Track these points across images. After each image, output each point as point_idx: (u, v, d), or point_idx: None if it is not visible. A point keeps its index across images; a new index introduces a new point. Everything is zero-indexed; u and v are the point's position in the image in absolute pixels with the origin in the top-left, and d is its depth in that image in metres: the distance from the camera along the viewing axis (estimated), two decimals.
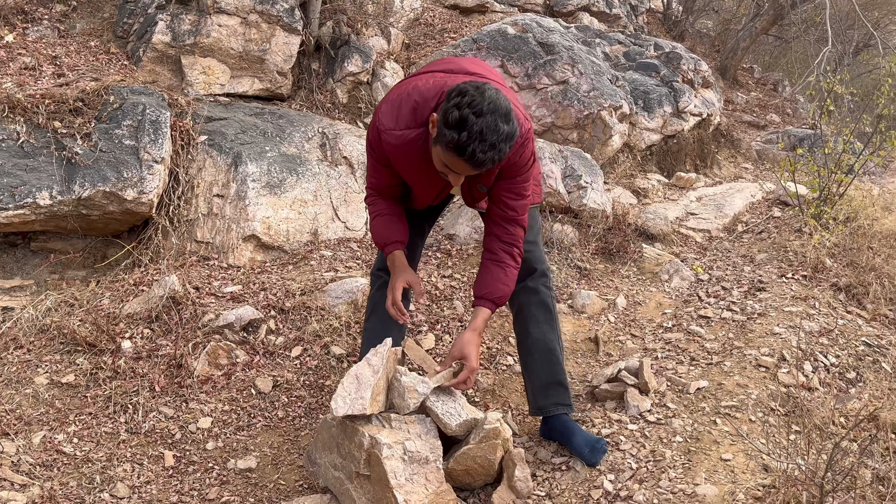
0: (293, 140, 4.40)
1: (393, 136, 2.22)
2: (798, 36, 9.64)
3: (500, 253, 2.36)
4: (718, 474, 2.30)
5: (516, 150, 2.24)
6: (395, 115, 2.22)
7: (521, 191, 2.34)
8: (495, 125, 1.98)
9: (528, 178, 2.35)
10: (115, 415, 2.73)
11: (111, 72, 4.35)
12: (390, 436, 2.21)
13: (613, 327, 3.56)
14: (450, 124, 1.99)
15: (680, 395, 2.82)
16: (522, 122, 2.22)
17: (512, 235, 2.36)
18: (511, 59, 5.61)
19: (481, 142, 1.97)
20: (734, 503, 2.14)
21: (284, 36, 4.98)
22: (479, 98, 1.98)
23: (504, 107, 2.01)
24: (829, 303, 3.50)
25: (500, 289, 2.35)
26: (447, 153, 2.04)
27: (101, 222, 3.67)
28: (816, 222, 4.10)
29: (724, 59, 10.21)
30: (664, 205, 5.23)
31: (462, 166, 2.05)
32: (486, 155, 1.99)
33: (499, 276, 2.35)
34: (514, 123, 2.05)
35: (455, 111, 1.98)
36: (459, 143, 1.98)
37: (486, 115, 1.97)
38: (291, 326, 3.31)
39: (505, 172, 2.30)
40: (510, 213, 2.34)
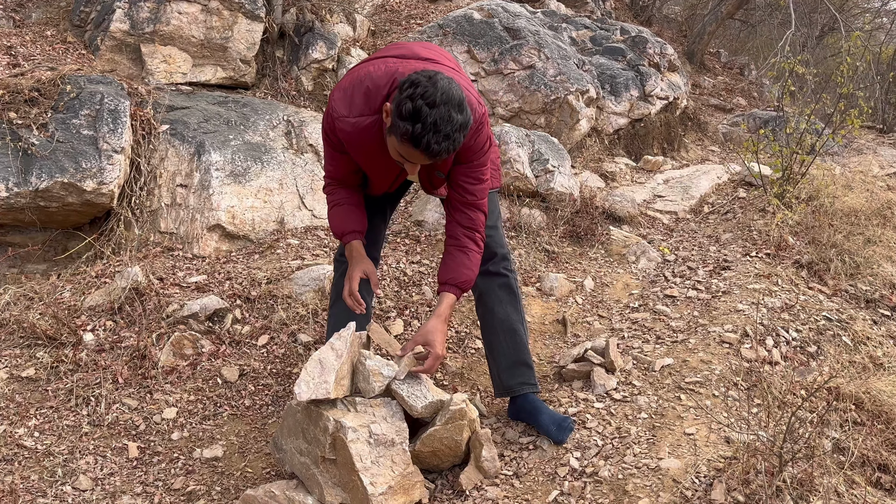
0: (258, 128, 4.35)
1: (347, 124, 2.21)
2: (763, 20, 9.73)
3: (463, 238, 2.36)
4: (682, 448, 2.33)
5: (471, 134, 2.23)
6: (349, 102, 2.21)
7: (479, 175, 2.34)
8: (449, 115, 1.97)
9: (486, 163, 2.35)
10: (77, 408, 2.69)
11: (68, 61, 4.27)
12: (355, 419, 2.20)
13: (581, 309, 3.58)
14: (403, 116, 1.98)
15: (645, 372, 2.85)
16: (476, 107, 2.22)
17: (473, 220, 2.36)
18: (477, 44, 5.60)
19: (435, 133, 1.97)
20: (696, 475, 2.17)
21: (247, 23, 4.92)
22: (431, 89, 1.97)
23: (457, 96, 2.01)
24: (792, 279, 3.56)
25: (465, 273, 2.35)
26: (402, 144, 2.04)
27: (61, 214, 3.60)
28: (779, 201, 4.16)
29: (691, 43, 10.29)
30: (632, 188, 5.27)
31: (417, 157, 2.05)
32: (440, 146, 1.99)
33: (462, 261, 2.34)
34: (468, 112, 2.05)
35: (408, 102, 1.97)
36: (414, 135, 1.98)
37: (440, 105, 1.96)
38: (258, 315, 3.28)
39: (461, 157, 2.30)
40: (469, 198, 2.34)
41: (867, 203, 4.17)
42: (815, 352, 2.98)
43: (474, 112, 2.22)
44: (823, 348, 3.00)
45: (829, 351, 2.96)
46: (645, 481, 2.20)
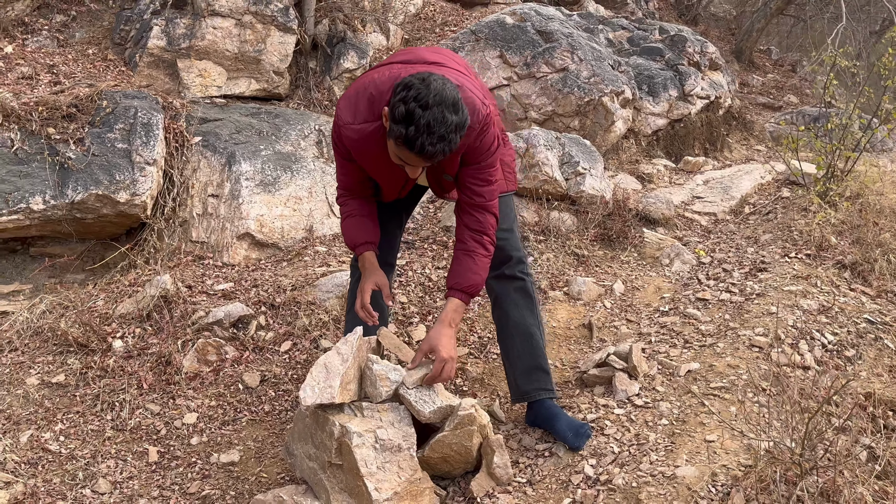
0: (289, 138, 4.41)
1: (352, 131, 2.21)
2: (815, 15, 9.41)
3: (470, 242, 2.33)
4: (700, 455, 2.24)
5: (477, 135, 2.21)
6: (353, 109, 2.21)
7: (488, 176, 2.31)
8: (442, 116, 1.95)
9: (494, 163, 2.31)
10: (101, 413, 2.76)
11: (107, 78, 4.41)
12: (361, 424, 2.18)
13: (609, 313, 3.49)
14: (397, 119, 1.97)
15: (670, 378, 2.76)
16: (480, 108, 2.19)
17: (481, 223, 2.32)
18: (509, 48, 5.56)
19: (429, 134, 1.95)
20: (713, 484, 2.07)
21: (280, 36, 5.00)
22: (424, 90, 1.96)
23: (451, 97, 1.98)
24: (832, 280, 3.39)
25: (471, 278, 2.31)
26: (398, 147, 2.03)
27: (97, 225, 3.72)
28: (822, 200, 3.98)
29: (739, 41, 10.02)
30: (669, 189, 5.13)
31: (414, 159, 2.04)
32: (435, 147, 1.97)
33: (469, 265, 2.31)
34: (464, 112, 2.02)
35: (401, 105, 1.96)
36: (408, 138, 1.96)
37: (433, 107, 1.95)
38: (282, 321, 3.31)
39: (468, 158, 2.27)
40: (478, 200, 2.31)
41: None
42: (854, 356, 2.84)
43: (478, 113, 2.20)
44: (863, 352, 2.85)
45: (869, 355, 2.81)
46: (659, 489, 2.12)
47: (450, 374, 2.26)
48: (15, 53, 4.37)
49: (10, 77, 4.11)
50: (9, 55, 4.33)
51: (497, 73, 5.53)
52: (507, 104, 5.46)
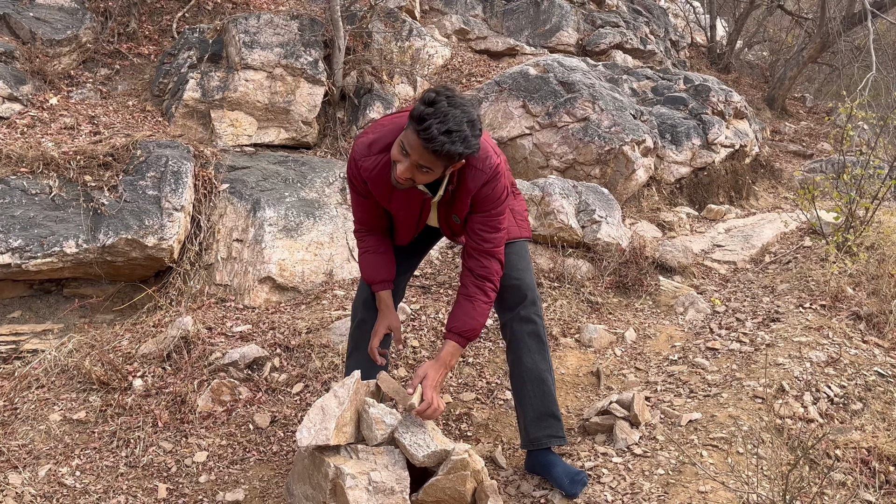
0: (314, 185, 4.57)
1: (368, 162, 2.33)
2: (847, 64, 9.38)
3: (472, 287, 2.41)
4: None
5: (488, 182, 2.31)
6: (370, 143, 2.33)
7: (497, 224, 2.39)
8: (460, 119, 2.08)
9: (503, 212, 2.40)
10: (117, 449, 2.87)
11: (144, 128, 4.65)
12: (356, 466, 2.25)
13: (619, 361, 3.51)
14: (424, 101, 2.10)
15: (671, 427, 2.76)
16: (493, 156, 2.30)
17: (486, 269, 2.40)
18: (532, 98, 5.69)
19: (441, 122, 2.06)
20: None
21: (308, 87, 5.22)
22: (455, 95, 2.12)
23: (474, 116, 2.12)
24: (846, 332, 3.36)
25: (468, 322, 2.39)
26: (409, 125, 2.13)
27: (127, 268, 3.89)
28: (838, 250, 3.96)
29: (772, 89, 10.02)
30: (689, 237, 5.14)
31: (415, 142, 2.11)
32: (439, 136, 2.06)
33: (467, 310, 2.39)
34: (477, 137, 2.15)
35: (433, 93, 2.11)
36: (422, 115, 2.08)
37: (457, 108, 2.09)
38: (295, 364, 3.41)
39: (478, 206, 2.36)
40: (486, 246, 2.39)
41: None
42: (861, 409, 2.80)
43: (490, 160, 2.30)
44: (870, 406, 2.81)
45: (876, 408, 2.77)
46: None
47: (436, 408, 2.31)
48: (59, 105, 4.65)
49: (53, 127, 4.37)
50: (53, 106, 4.61)
51: (520, 122, 5.66)
52: (529, 152, 5.57)
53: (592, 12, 8.32)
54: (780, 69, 10.16)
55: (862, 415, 2.75)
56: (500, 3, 8.08)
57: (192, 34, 5.32)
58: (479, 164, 2.28)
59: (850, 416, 2.75)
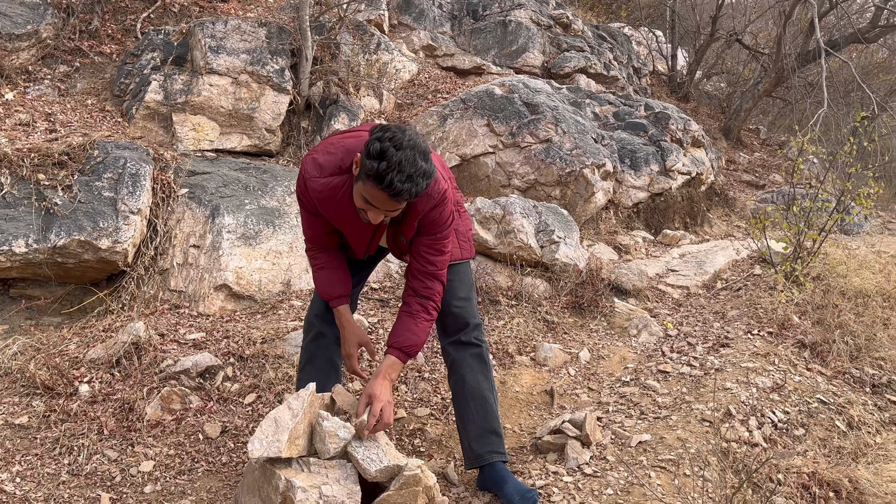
0: (275, 194, 4.54)
1: (318, 184, 2.32)
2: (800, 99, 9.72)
3: (415, 305, 2.45)
4: None
5: (435, 206, 2.33)
6: (320, 163, 2.33)
7: (441, 247, 2.42)
8: (413, 159, 2.08)
9: (448, 236, 2.43)
10: (59, 456, 2.79)
11: (103, 128, 4.57)
12: (307, 479, 2.23)
13: (573, 380, 3.55)
14: (371, 155, 2.10)
15: (621, 448, 2.80)
16: (441, 181, 2.32)
17: (429, 289, 2.43)
18: (497, 118, 5.76)
19: (399, 172, 2.07)
20: None
21: (274, 95, 5.19)
22: (400, 134, 2.10)
23: (423, 147, 2.12)
24: (790, 359, 3.47)
25: (409, 338, 2.42)
26: (367, 183, 2.13)
27: (79, 270, 3.80)
28: (785, 279, 4.09)
29: (728, 119, 10.32)
30: (645, 261, 5.25)
31: (381, 197, 2.13)
32: (403, 185, 2.08)
33: (409, 326, 2.42)
34: (432, 165, 2.16)
35: (377, 143, 2.10)
36: (378, 172, 2.08)
37: (406, 149, 2.08)
38: (248, 374, 3.37)
39: (425, 229, 2.39)
40: (430, 268, 2.42)
41: (881, 284, 4.06)
42: (803, 435, 2.89)
43: (439, 184, 2.32)
44: (812, 432, 2.90)
45: (818, 435, 2.86)
46: None
47: (388, 418, 2.32)
48: (15, 100, 4.53)
49: (7, 123, 4.27)
50: (9, 102, 4.50)
51: (483, 140, 5.71)
52: (491, 171, 5.63)
53: (559, 35, 8.47)
54: (737, 101, 10.48)
55: (804, 440, 2.84)
56: (469, 22, 8.17)
57: (156, 35, 5.25)
58: (429, 189, 2.30)
59: (793, 441, 2.83)
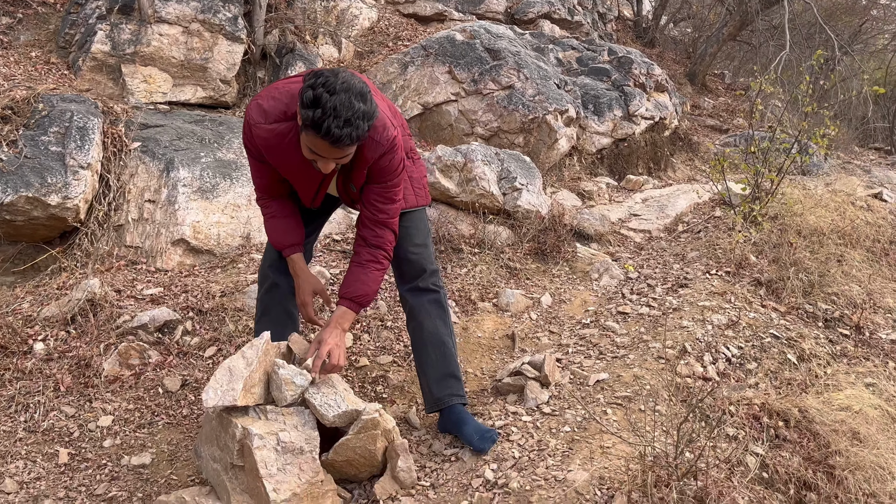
0: (232, 146, 4.44)
1: (263, 130, 2.27)
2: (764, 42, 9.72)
3: (365, 255, 2.44)
4: (594, 461, 2.32)
5: (385, 154, 2.29)
6: (265, 109, 2.27)
7: (392, 195, 2.40)
8: (349, 102, 2.03)
9: (399, 184, 2.40)
10: (15, 414, 2.76)
11: (48, 81, 4.41)
12: (264, 427, 2.23)
13: (534, 325, 3.58)
14: (305, 104, 2.05)
15: (579, 387, 2.85)
16: (390, 127, 2.28)
17: (380, 238, 2.41)
18: (458, 65, 5.67)
19: (335, 118, 2.02)
20: (600, 486, 2.15)
21: (227, 45, 5.04)
22: (332, 78, 2.05)
23: (358, 87, 2.07)
24: (746, 297, 3.53)
25: (360, 288, 2.42)
26: (307, 133, 2.09)
27: (29, 228, 3.70)
28: (744, 220, 4.13)
29: (693, 64, 10.29)
30: (608, 207, 5.27)
31: (323, 145, 2.09)
32: (342, 131, 2.04)
33: (360, 276, 2.42)
34: (372, 104, 2.11)
35: (309, 91, 2.04)
36: (315, 120, 2.03)
37: (340, 93, 2.03)
38: (208, 327, 3.34)
39: (375, 176, 2.35)
40: (381, 216, 2.40)
41: (836, 222, 4.13)
42: (755, 369, 2.95)
43: (387, 131, 2.28)
44: (763, 365, 2.97)
45: (770, 368, 2.93)
46: (550, 493, 2.20)
47: (337, 360, 2.33)
48: None
49: None
50: None
51: (445, 88, 5.63)
52: (454, 119, 5.57)
53: None
54: (702, 45, 10.43)
55: (756, 374, 2.90)
56: None
57: None
58: (377, 136, 2.26)
59: (745, 374, 2.90)
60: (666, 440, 2.12)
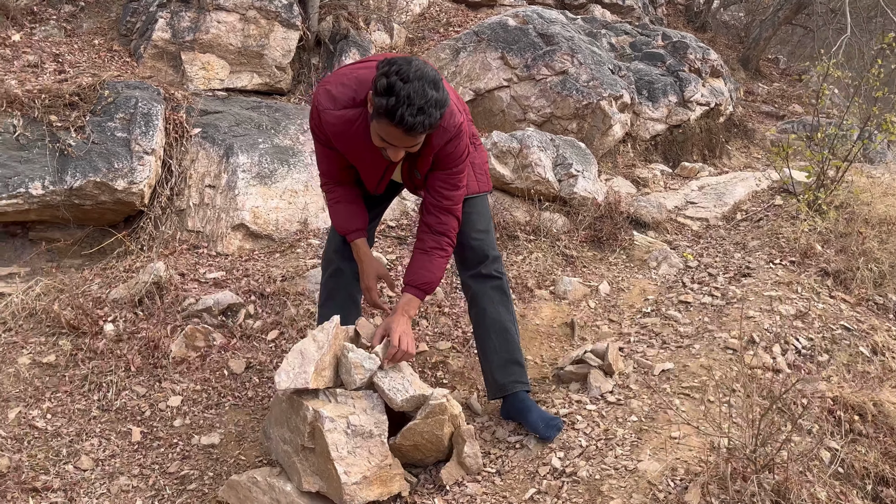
0: (288, 132, 4.48)
1: (332, 116, 2.27)
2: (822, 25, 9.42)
3: (430, 241, 2.43)
4: (665, 451, 2.29)
5: (451, 140, 2.28)
6: (334, 95, 2.28)
7: (457, 182, 2.39)
8: (423, 90, 2.03)
9: (463, 171, 2.39)
10: (89, 393, 2.83)
11: (111, 68, 4.50)
12: (334, 410, 2.25)
13: (593, 313, 3.54)
14: (379, 92, 2.05)
15: (644, 376, 2.81)
16: (457, 115, 2.27)
17: (444, 224, 2.41)
18: (511, 50, 5.62)
19: (409, 105, 2.02)
20: (672, 477, 2.13)
21: (283, 31, 5.08)
22: (406, 66, 2.04)
23: (431, 75, 2.06)
24: (813, 287, 3.44)
25: (424, 275, 2.42)
26: (379, 121, 2.09)
27: (96, 212, 3.80)
28: (809, 208, 4.02)
29: (747, 49, 10.03)
30: (664, 194, 5.18)
31: (395, 133, 2.09)
32: (415, 118, 2.03)
33: (424, 264, 2.42)
34: (444, 91, 2.10)
35: (383, 79, 2.04)
36: (388, 108, 2.03)
37: (413, 81, 2.03)
38: (270, 311, 3.38)
39: (440, 163, 2.34)
40: (445, 203, 2.39)
41: None
42: (827, 361, 2.88)
43: (454, 118, 2.27)
44: (836, 357, 2.89)
45: (842, 360, 2.85)
46: (621, 482, 2.18)
47: (408, 347, 2.34)
48: (22, 42, 4.46)
49: (16, 65, 4.20)
50: (16, 43, 4.42)
51: (498, 74, 5.59)
52: (506, 105, 5.52)
53: None
54: (756, 29, 10.16)
55: (828, 366, 2.83)
56: None
57: None
58: (445, 123, 2.25)
59: (817, 367, 2.83)
60: (743, 432, 2.08)
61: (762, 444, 1.93)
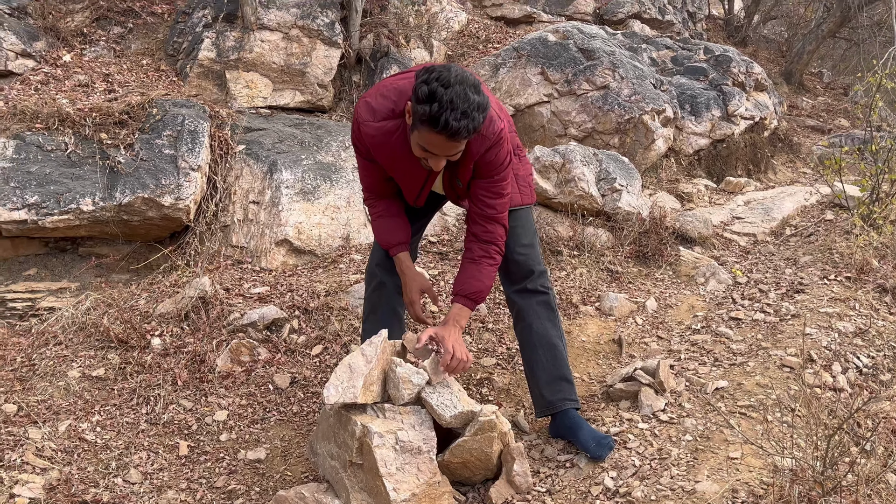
0: (330, 149, 4.51)
1: (371, 128, 2.26)
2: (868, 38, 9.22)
3: (477, 251, 2.39)
4: (722, 472, 2.21)
5: (491, 147, 2.25)
6: (373, 107, 2.27)
7: (500, 190, 2.35)
8: (465, 94, 2.01)
9: (506, 178, 2.36)
10: (137, 406, 2.85)
11: (158, 87, 4.58)
12: (383, 425, 2.22)
13: (640, 329, 3.47)
14: (421, 99, 2.03)
15: (697, 394, 2.73)
16: (496, 121, 2.24)
17: (490, 233, 2.37)
18: (551, 66, 5.60)
19: (452, 110, 2.00)
20: (733, 499, 2.04)
21: (325, 49, 5.13)
22: (445, 73, 2.03)
23: (471, 80, 2.04)
24: (871, 304, 3.32)
25: (474, 285, 2.38)
26: (422, 130, 2.07)
27: (143, 228, 3.85)
28: (864, 223, 3.90)
29: (790, 63, 9.87)
30: (709, 209, 5.08)
31: (439, 140, 2.07)
32: (459, 123, 2.01)
33: (473, 273, 2.37)
34: (485, 96, 2.08)
35: (424, 86, 2.03)
36: (432, 115, 2.01)
37: (455, 85, 2.01)
38: (314, 326, 3.38)
39: (482, 171, 2.31)
40: (489, 212, 2.36)
41: None
42: (890, 380, 2.76)
43: (494, 124, 2.24)
44: None
45: None
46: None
47: (463, 355, 2.29)
48: (73, 62, 4.57)
49: (67, 84, 4.31)
50: (67, 63, 4.54)
51: (538, 89, 5.57)
52: (546, 120, 5.49)
53: None
54: (799, 43, 9.99)
55: (891, 385, 2.72)
56: None
57: None
58: (484, 130, 2.22)
59: (880, 386, 2.72)
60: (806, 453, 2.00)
61: (831, 466, 1.84)
